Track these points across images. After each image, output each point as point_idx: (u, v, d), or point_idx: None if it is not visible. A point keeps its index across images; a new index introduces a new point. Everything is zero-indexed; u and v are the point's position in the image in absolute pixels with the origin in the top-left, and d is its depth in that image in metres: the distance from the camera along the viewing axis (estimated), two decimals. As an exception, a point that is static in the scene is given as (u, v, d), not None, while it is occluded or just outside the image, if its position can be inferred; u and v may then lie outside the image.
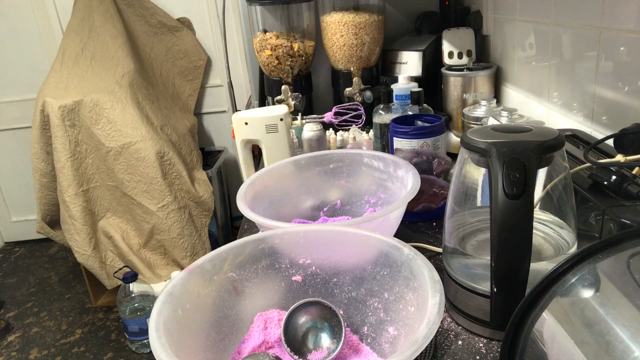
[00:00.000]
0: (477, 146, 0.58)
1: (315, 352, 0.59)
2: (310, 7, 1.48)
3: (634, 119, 0.76)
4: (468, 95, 1.28)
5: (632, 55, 0.80)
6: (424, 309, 0.48)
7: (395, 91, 1.28)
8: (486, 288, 0.58)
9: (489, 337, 0.64)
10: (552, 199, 0.65)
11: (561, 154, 0.61)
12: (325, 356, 0.59)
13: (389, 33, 1.50)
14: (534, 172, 0.53)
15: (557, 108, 1.06)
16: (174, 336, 0.50)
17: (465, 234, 0.70)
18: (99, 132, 2.01)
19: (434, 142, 0.96)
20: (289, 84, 1.45)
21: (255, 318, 0.64)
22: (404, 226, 0.92)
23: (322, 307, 0.61)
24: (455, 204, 0.69)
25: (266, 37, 1.45)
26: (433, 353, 0.62)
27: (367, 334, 0.62)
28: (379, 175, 0.90)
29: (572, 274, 0.41)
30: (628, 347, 0.35)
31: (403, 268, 0.57)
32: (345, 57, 1.45)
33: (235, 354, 0.60)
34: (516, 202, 0.51)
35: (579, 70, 0.96)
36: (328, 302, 0.61)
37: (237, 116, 1.10)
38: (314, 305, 0.61)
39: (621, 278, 0.40)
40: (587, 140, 0.85)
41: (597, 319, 0.39)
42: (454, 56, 1.37)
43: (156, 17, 2.39)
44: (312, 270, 0.66)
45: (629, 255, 0.41)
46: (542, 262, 0.61)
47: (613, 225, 0.61)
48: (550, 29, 1.06)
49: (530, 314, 0.42)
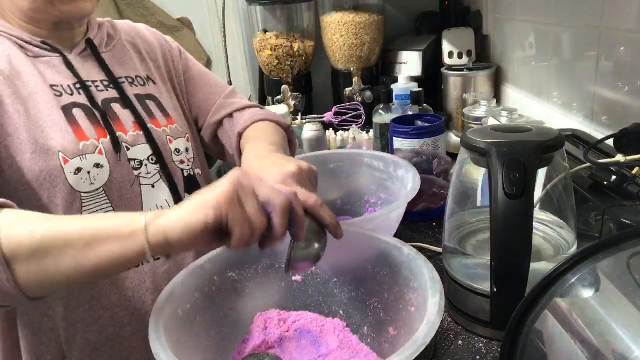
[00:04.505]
0: (477, 146, 0.58)
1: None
2: (310, 7, 1.48)
3: (634, 119, 0.76)
4: (468, 95, 1.28)
5: (632, 55, 0.80)
6: (424, 309, 0.48)
7: (395, 91, 1.28)
8: (486, 288, 0.58)
9: (489, 337, 0.64)
10: (552, 199, 0.65)
11: (561, 154, 0.61)
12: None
13: (389, 33, 1.50)
14: (534, 172, 0.53)
15: (557, 108, 1.06)
16: (174, 336, 0.50)
17: (465, 234, 0.70)
18: (99, 132, 2.01)
19: (434, 142, 0.96)
20: (289, 84, 1.45)
21: (255, 318, 0.64)
22: (404, 226, 0.92)
23: None
24: (455, 204, 0.69)
25: (266, 37, 1.45)
26: (433, 353, 0.62)
27: (367, 334, 0.62)
28: (379, 175, 0.90)
29: (572, 274, 0.41)
30: (628, 347, 0.35)
31: (403, 268, 0.57)
32: (345, 57, 1.45)
33: (235, 354, 0.60)
34: (516, 202, 0.51)
35: (579, 70, 0.96)
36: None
37: (237, 116, 1.10)
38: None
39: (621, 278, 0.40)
40: (587, 140, 0.85)
41: (597, 319, 0.39)
42: (454, 56, 1.37)
43: (156, 17, 2.39)
44: (312, 270, 0.66)
45: (629, 255, 0.41)
46: (542, 262, 0.61)
47: (613, 225, 0.61)
48: (550, 29, 1.06)
49: (530, 314, 0.42)
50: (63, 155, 0.66)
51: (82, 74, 0.73)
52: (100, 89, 0.74)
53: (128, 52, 0.81)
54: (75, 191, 0.66)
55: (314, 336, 0.62)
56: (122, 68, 0.79)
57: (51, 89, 0.69)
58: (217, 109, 0.89)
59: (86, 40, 0.76)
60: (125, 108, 0.75)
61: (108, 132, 0.70)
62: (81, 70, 0.73)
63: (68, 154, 0.66)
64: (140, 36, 0.86)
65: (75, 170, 0.66)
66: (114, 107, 0.74)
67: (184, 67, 0.90)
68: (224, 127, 0.89)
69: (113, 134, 0.71)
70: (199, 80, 0.91)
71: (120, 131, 0.72)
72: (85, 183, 0.67)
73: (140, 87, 0.80)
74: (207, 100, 0.90)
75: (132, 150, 0.73)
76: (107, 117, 0.72)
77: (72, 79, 0.71)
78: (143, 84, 0.81)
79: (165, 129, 0.78)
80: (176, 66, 0.89)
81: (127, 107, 0.75)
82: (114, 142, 0.70)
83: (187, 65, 0.91)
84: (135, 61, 0.82)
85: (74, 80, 0.71)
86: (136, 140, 0.74)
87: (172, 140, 0.78)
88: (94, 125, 0.70)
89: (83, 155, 0.67)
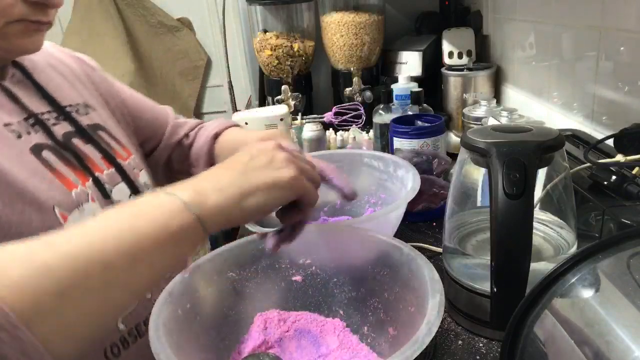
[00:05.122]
0: (477, 146, 0.58)
1: None
2: (310, 7, 1.48)
3: (634, 119, 0.76)
4: (468, 95, 1.28)
5: (632, 55, 0.80)
6: (424, 309, 0.48)
7: (395, 91, 1.28)
8: (486, 288, 0.58)
9: (489, 337, 0.64)
10: (552, 199, 0.65)
11: (561, 154, 0.61)
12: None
13: (389, 33, 1.50)
14: (534, 172, 0.53)
15: (557, 108, 1.06)
16: (174, 336, 0.50)
17: (465, 234, 0.70)
18: (99, 132, 2.00)
19: (434, 142, 0.96)
20: (289, 84, 1.45)
21: (255, 318, 0.64)
22: (404, 226, 0.92)
23: None
24: (455, 204, 0.69)
25: (266, 37, 1.45)
26: (433, 353, 0.62)
27: (367, 334, 0.62)
28: (379, 175, 0.90)
29: (572, 274, 0.41)
30: (628, 347, 0.35)
31: (403, 268, 0.57)
32: (345, 57, 1.45)
33: (235, 354, 0.60)
34: (516, 202, 0.51)
35: (579, 70, 0.96)
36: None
37: (237, 116, 1.10)
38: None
39: (621, 278, 0.40)
40: (587, 140, 0.85)
41: (597, 319, 0.39)
42: (454, 56, 1.37)
43: (156, 17, 2.39)
44: (312, 270, 0.66)
45: (629, 255, 0.41)
46: (542, 262, 0.61)
47: (613, 225, 0.61)
48: (550, 29, 1.06)
49: (530, 314, 0.42)
50: (60, 210, 0.54)
51: (29, 105, 0.60)
52: (53, 122, 0.61)
53: (55, 77, 0.68)
54: None
55: (314, 336, 0.62)
56: (60, 94, 0.66)
57: (5, 128, 0.55)
58: (173, 129, 0.83)
59: (13, 63, 0.62)
60: (87, 143, 0.64)
61: (89, 175, 0.60)
62: (25, 100, 0.60)
63: (64, 208, 0.55)
64: (56, 57, 0.71)
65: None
66: (76, 143, 0.62)
67: (118, 88, 0.79)
68: (182, 146, 0.83)
69: (94, 176, 0.61)
70: (137, 102, 0.81)
71: (97, 171, 0.62)
72: None
73: (85, 116, 0.67)
74: (156, 121, 0.82)
75: (114, 191, 0.63)
76: (79, 156, 0.61)
77: (20, 113, 0.58)
78: (86, 112, 0.68)
79: (129, 161, 0.69)
80: (108, 88, 0.77)
81: (89, 142, 0.64)
82: (99, 186, 0.61)
83: (117, 85, 0.80)
84: (65, 86, 0.68)
85: (23, 114, 0.58)
86: (113, 179, 0.64)
87: (139, 173, 0.70)
88: (70, 168, 0.59)
89: (80, 206, 0.57)
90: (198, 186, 0.45)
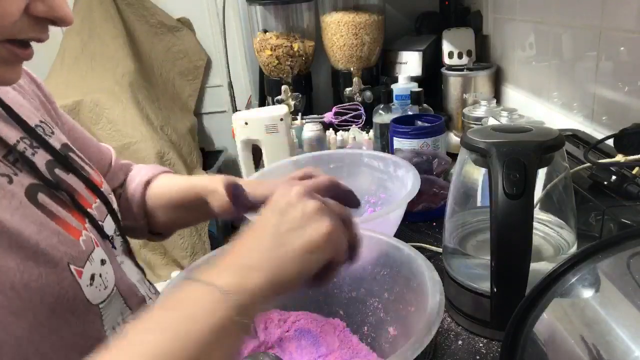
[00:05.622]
0: (477, 146, 0.58)
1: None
2: (310, 7, 1.48)
3: (634, 119, 0.76)
4: (468, 95, 1.28)
5: (632, 55, 0.80)
6: (424, 309, 0.48)
7: (395, 91, 1.28)
8: (486, 288, 0.58)
9: (489, 337, 0.64)
10: (552, 199, 0.65)
11: (561, 154, 0.61)
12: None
13: (389, 33, 1.50)
14: (534, 172, 0.53)
15: (557, 108, 1.06)
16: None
17: (465, 234, 0.70)
18: (99, 132, 2.00)
19: (434, 142, 0.96)
20: (289, 84, 1.45)
21: (255, 318, 0.64)
22: (404, 226, 0.92)
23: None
24: (455, 204, 0.69)
25: (266, 37, 1.45)
26: (433, 353, 0.62)
27: (367, 334, 0.62)
28: (379, 175, 0.90)
29: (572, 274, 0.41)
30: (628, 347, 0.35)
31: (403, 268, 0.57)
32: (345, 57, 1.45)
33: (235, 354, 0.60)
34: (516, 202, 0.51)
35: (579, 70, 0.96)
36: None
37: (237, 116, 1.10)
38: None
39: (621, 278, 0.40)
40: (587, 140, 0.85)
41: (597, 319, 0.39)
42: (454, 56, 1.37)
43: (156, 17, 2.39)
44: (312, 270, 0.66)
45: (629, 255, 0.41)
46: (542, 262, 0.61)
47: (613, 225, 0.61)
48: (550, 29, 1.06)
49: (530, 314, 0.42)
50: (74, 267, 0.49)
51: (5, 135, 0.51)
52: (31, 152, 0.53)
53: (13, 94, 0.59)
54: (92, 305, 0.51)
55: (314, 336, 0.62)
56: (24, 113, 0.56)
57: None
58: (115, 171, 0.76)
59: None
60: (68, 172, 0.57)
61: (84, 215, 0.55)
62: (0, 127, 0.51)
63: (78, 263, 0.50)
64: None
65: (90, 279, 0.51)
66: (60, 174, 0.55)
67: (60, 113, 0.69)
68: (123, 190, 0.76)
69: (89, 216, 0.55)
70: (81, 133, 0.72)
71: (87, 207, 0.56)
72: (100, 290, 0.53)
73: (52, 137, 0.59)
74: (101, 161, 0.74)
75: (105, 227, 0.58)
76: (69, 191, 0.54)
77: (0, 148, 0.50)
78: (51, 132, 0.60)
79: (104, 186, 0.62)
80: (55, 109, 0.67)
81: (69, 170, 0.57)
82: (95, 225, 0.56)
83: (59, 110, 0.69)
84: (24, 103, 0.59)
85: (3, 150, 0.50)
86: (101, 213, 0.59)
87: (112, 199, 0.63)
88: (67, 210, 0.52)
89: (89, 257, 0.52)
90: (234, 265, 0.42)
